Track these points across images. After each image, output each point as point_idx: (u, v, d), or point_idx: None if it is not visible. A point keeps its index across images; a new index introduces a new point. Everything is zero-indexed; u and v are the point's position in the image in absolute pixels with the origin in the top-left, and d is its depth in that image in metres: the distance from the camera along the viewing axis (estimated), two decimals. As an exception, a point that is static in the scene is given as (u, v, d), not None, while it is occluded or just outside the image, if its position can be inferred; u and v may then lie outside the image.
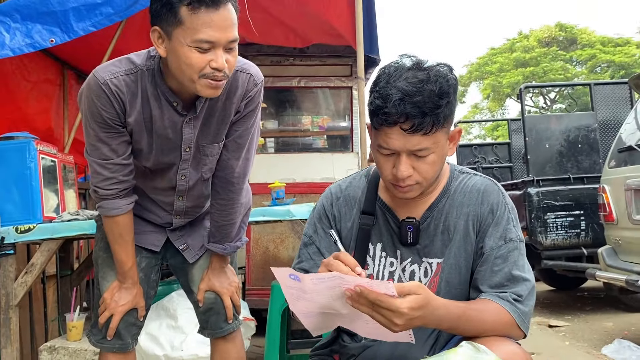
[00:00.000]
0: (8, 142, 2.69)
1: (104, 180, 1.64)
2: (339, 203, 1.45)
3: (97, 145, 1.61)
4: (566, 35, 23.05)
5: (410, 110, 1.19)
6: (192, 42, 1.42)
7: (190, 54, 1.43)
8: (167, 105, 1.60)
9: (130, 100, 1.57)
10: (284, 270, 1.09)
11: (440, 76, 1.23)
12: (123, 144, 1.63)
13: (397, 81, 1.22)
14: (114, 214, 1.68)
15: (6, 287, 2.50)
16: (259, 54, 4.49)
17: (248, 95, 1.67)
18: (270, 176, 3.90)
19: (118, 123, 1.59)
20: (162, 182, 1.75)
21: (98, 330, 1.78)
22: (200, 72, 1.45)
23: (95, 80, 1.54)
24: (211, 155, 1.72)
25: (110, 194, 1.66)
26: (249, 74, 1.66)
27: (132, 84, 1.57)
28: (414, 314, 1.09)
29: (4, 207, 2.58)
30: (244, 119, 1.71)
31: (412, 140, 1.22)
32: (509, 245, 1.31)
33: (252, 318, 2.83)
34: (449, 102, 1.23)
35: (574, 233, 4.90)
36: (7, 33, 2.67)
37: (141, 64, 1.58)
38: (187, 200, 1.79)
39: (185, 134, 1.65)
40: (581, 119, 5.29)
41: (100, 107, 1.55)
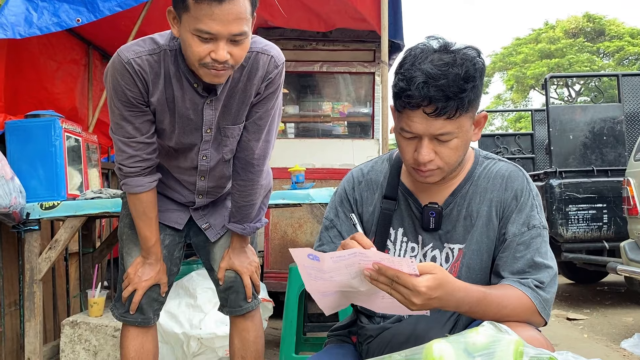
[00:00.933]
0: (34, 120, 2.73)
1: (128, 158, 1.67)
2: (360, 187, 1.45)
3: (121, 123, 1.64)
4: (594, 26, 22.55)
5: (434, 93, 1.17)
6: (193, 30, 1.44)
7: (192, 41, 1.45)
8: (189, 86, 1.62)
9: (153, 80, 1.59)
10: (303, 250, 1.09)
11: (467, 59, 1.20)
12: (146, 123, 1.65)
13: (423, 63, 1.20)
14: (137, 191, 1.71)
15: (31, 261, 2.56)
16: (282, 37, 4.47)
17: (269, 77, 1.67)
18: (290, 161, 3.91)
19: (141, 102, 1.61)
20: (184, 161, 1.77)
21: (121, 305, 1.81)
22: (200, 60, 1.47)
23: (120, 59, 1.57)
24: (232, 136, 1.73)
25: (134, 172, 1.69)
26: (270, 55, 1.65)
27: (155, 64, 1.58)
28: (432, 293, 1.09)
29: (30, 183, 2.63)
30: (265, 101, 1.71)
31: (435, 124, 1.20)
32: (532, 231, 1.29)
33: (270, 299, 2.86)
34: (474, 87, 1.20)
35: (596, 226, 4.83)
36: (34, 12, 2.70)
37: (164, 45, 1.59)
38: (208, 180, 1.81)
39: (206, 115, 1.66)
40: (607, 111, 5.19)
41: (124, 85, 1.57)
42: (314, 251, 1.09)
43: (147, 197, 1.73)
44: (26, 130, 2.70)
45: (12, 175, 2.49)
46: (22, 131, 2.70)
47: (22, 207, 2.50)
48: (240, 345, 1.91)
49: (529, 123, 8.25)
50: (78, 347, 2.60)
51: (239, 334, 1.92)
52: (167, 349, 2.64)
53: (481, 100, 1.30)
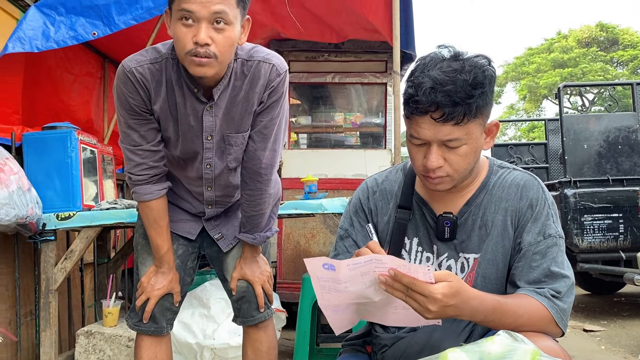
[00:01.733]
0: (51, 132, 2.77)
1: (135, 165, 1.70)
2: (375, 197, 1.45)
3: (127, 132, 1.67)
4: (607, 35, 22.42)
5: (441, 99, 1.18)
6: (177, 12, 1.48)
7: (177, 29, 1.49)
8: (189, 92, 1.64)
9: (155, 87, 1.62)
10: (318, 260, 1.09)
11: (477, 67, 1.21)
12: (152, 131, 1.68)
13: (431, 70, 1.21)
14: (147, 199, 1.73)
15: (46, 272, 2.59)
16: (294, 49, 4.51)
17: (271, 86, 1.68)
18: (303, 171, 3.92)
19: (145, 110, 1.64)
20: (191, 171, 1.79)
21: (135, 314, 1.83)
22: (185, 48, 1.49)
23: (122, 69, 1.61)
24: (236, 145, 1.74)
25: (143, 180, 1.71)
26: (271, 64, 1.67)
27: (156, 72, 1.62)
28: (448, 301, 1.08)
29: (46, 194, 2.67)
30: (268, 110, 1.71)
31: (443, 130, 1.21)
32: (547, 241, 1.28)
33: (283, 310, 2.85)
34: (483, 93, 1.21)
35: (612, 236, 4.77)
36: (52, 26, 2.75)
37: (166, 53, 1.63)
38: (215, 190, 1.82)
39: (205, 121, 1.68)
40: (622, 120, 5.14)
41: (127, 94, 1.61)
42: (329, 260, 1.09)
43: (157, 204, 1.75)
44: (43, 142, 2.75)
45: (29, 186, 2.53)
46: (39, 143, 2.75)
47: (38, 217, 2.53)
48: (253, 356, 1.91)
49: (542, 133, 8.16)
50: (93, 357, 2.61)
51: (252, 344, 1.92)
52: (180, 359, 2.64)
53: (492, 110, 1.30)
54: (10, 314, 2.73)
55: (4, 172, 2.42)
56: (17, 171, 2.50)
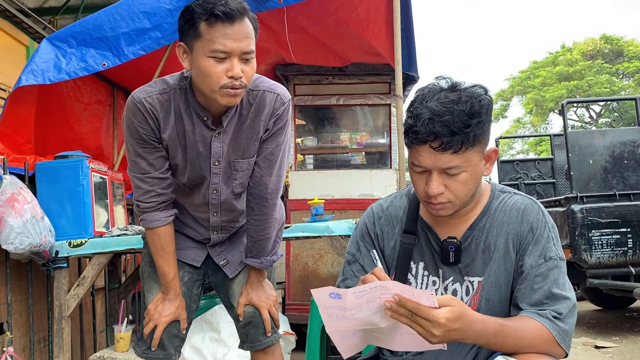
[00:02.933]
0: (62, 161, 2.84)
1: (144, 193, 1.75)
2: (381, 222, 1.49)
3: (136, 160, 1.73)
4: (612, 47, 22.42)
5: (439, 129, 1.22)
6: (209, 52, 1.55)
7: (207, 64, 1.56)
8: (198, 120, 1.71)
9: (163, 117, 1.69)
10: (324, 290, 1.12)
11: (473, 97, 1.26)
12: (160, 159, 1.74)
13: (429, 101, 1.26)
14: (154, 225, 1.78)
15: (59, 298, 2.63)
16: (299, 73, 4.58)
17: (276, 114, 1.76)
18: (310, 192, 3.96)
19: (154, 139, 1.71)
20: (197, 197, 1.84)
21: (143, 342, 1.85)
22: (218, 82, 1.57)
23: (132, 100, 1.69)
24: (241, 170, 1.80)
25: (150, 207, 1.76)
26: (276, 93, 1.76)
27: (165, 102, 1.69)
28: (452, 325, 1.11)
29: (59, 222, 2.73)
30: (274, 137, 1.80)
31: (442, 158, 1.25)
32: (549, 263, 1.31)
33: (292, 332, 2.87)
34: (480, 122, 1.26)
35: (621, 251, 4.75)
36: (63, 58, 2.84)
37: (174, 84, 1.71)
38: (221, 215, 1.87)
39: (213, 147, 1.74)
40: (627, 134, 5.15)
41: (137, 123, 1.68)
42: (335, 289, 1.12)
43: (164, 231, 1.79)
44: (55, 171, 2.81)
45: (42, 214, 2.59)
46: (52, 172, 2.81)
47: (51, 245, 2.59)
48: None
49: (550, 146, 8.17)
50: (105, 382, 2.64)
51: None
52: (192, 384, 2.66)
53: (490, 136, 1.34)
54: (24, 340, 2.77)
55: (18, 202, 2.48)
56: (31, 200, 2.56)
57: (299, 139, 4.86)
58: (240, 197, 1.88)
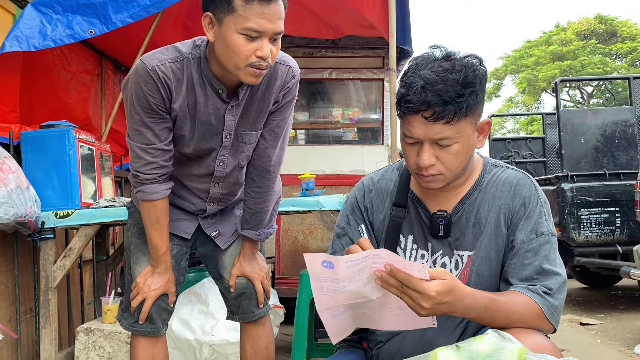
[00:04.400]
0: (48, 130, 2.78)
1: (145, 164, 1.70)
2: (371, 195, 1.47)
3: (141, 130, 1.67)
4: (606, 27, 22.37)
5: (431, 98, 1.20)
6: (242, 29, 1.49)
7: (238, 40, 1.50)
8: (212, 92, 1.66)
9: (176, 86, 1.63)
10: (317, 256, 1.10)
11: (467, 66, 1.23)
12: (165, 130, 1.69)
13: (422, 70, 1.23)
14: (153, 198, 1.73)
15: (46, 269, 2.61)
16: (291, 45, 4.50)
17: (287, 87, 1.74)
18: (301, 167, 3.93)
19: (162, 109, 1.65)
20: (199, 168, 1.80)
21: (130, 315, 1.83)
22: (246, 60, 1.52)
23: (144, 66, 1.61)
24: (249, 142, 1.78)
25: (151, 179, 1.72)
26: (288, 65, 1.72)
27: (178, 71, 1.63)
28: (442, 298, 1.10)
29: (44, 192, 2.68)
30: (282, 110, 1.77)
31: (434, 128, 1.23)
32: (540, 238, 1.31)
33: (281, 306, 2.88)
34: (473, 92, 1.23)
35: (609, 230, 4.80)
36: (48, 24, 2.76)
37: (187, 52, 1.64)
38: (222, 187, 1.84)
39: (227, 120, 1.71)
40: (619, 114, 5.16)
41: (147, 92, 1.61)
42: (328, 256, 1.10)
43: (161, 204, 1.75)
44: (41, 140, 2.75)
45: (27, 184, 2.54)
46: (37, 141, 2.75)
47: (37, 216, 2.55)
48: (252, 351, 1.93)
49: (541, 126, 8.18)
50: (92, 353, 2.63)
51: (250, 340, 1.94)
52: (179, 356, 2.66)
53: (488, 105, 1.32)
54: (10, 311, 2.75)
55: (2, 171, 2.43)
56: (16, 170, 2.51)
57: (290, 113, 4.81)
58: (243, 170, 1.86)
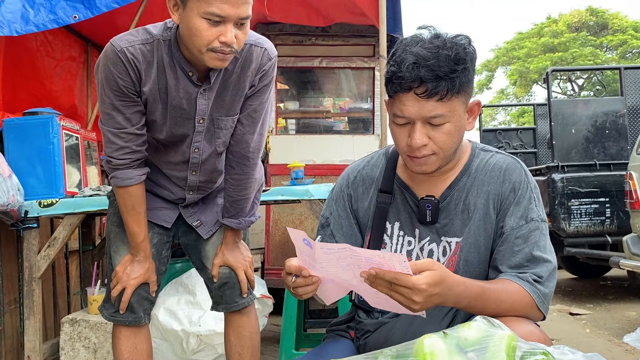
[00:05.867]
0: (32, 118, 2.72)
1: (117, 149, 1.66)
2: (355, 182, 1.45)
3: (112, 113, 1.63)
4: (597, 20, 22.41)
5: (424, 73, 1.17)
6: (204, 13, 1.45)
7: (200, 25, 1.46)
8: (183, 75, 1.62)
9: (145, 69, 1.59)
10: (299, 233, 1.09)
11: (458, 44, 1.21)
12: (137, 114, 1.65)
13: (413, 47, 1.21)
14: (126, 184, 1.69)
15: (29, 259, 2.56)
16: (281, 33, 4.46)
17: (262, 69, 1.69)
18: (290, 157, 3.89)
19: (133, 92, 1.61)
20: (175, 155, 1.76)
21: (111, 305, 1.79)
22: (208, 45, 1.48)
23: (113, 48, 1.57)
24: (225, 128, 1.73)
25: (123, 164, 1.68)
26: (263, 47, 1.68)
27: (148, 53, 1.59)
28: (433, 290, 1.07)
29: (28, 181, 2.63)
30: (258, 93, 1.73)
31: (427, 106, 1.20)
32: (530, 225, 1.28)
33: (270, 296, 2.85)
34: (465, 69, 1.21)
35: (599, 220, 4.81)
36: (31, 9, 2.69)
37: (157, 34, 1.60)
38: (200, 175, 1.80)
39: (199, 104, 1.67)
40: (610, 104, 5.16)
41: (117, 74, 1.57)
42: (307, 237, 1.09)
43: (136, 190, 1.71)
44: (24, 127, 2.69)
45: (9, 173, 2.49)
46: (20, 129, 2.69)
47: (20, 205, 2.49)
48: (237, 341, 1.90)
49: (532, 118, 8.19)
50: (78, 344, 2.59)
51: (234, 330, 1.91)
52: (166, 346, 2.63)
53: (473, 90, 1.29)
54: (-7, 302, 2.71)
55: (-16, 159, 2.38)
56: (-3, 157, 2.46)
57: (280, 103, 4.77)
58: (221, 156, 1.82)
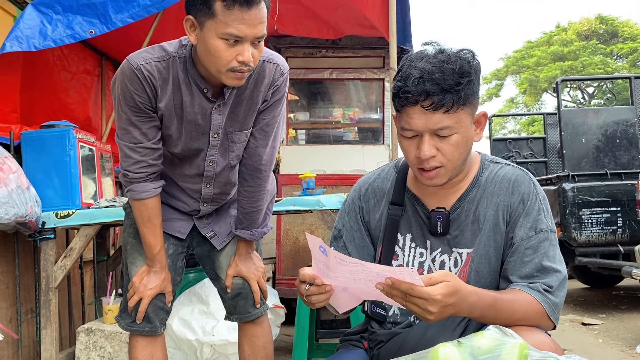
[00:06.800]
0: (49, 131, 2.79)
1: (134, 163, 1.70)
2: (367, 195, 1.47)
3: (128, 128, 1.67)
4: (607, 28, 22.32)
5: (429, 87, 1.21)
6: (222, 34, 1.49)
7: (218, 45, 1.51)
8: (198, 91, 1.67)
9: (161, 85, 1.64)
10: (317, 240, 1.12)
11: (461, 58, 1.25)
12: (153, 129, 1.69)
13: (418, 62, 1.24)
14: (143, 197, 1.73)
15: (46, 270, 2.61)
16: (291, 45, 4.51)
17: (275, 85, 1.74)
18: (301, 167, 3.93)
19: (149, 107, 1.65)
20: (190, 169, 1.80)
21: (127, 315, 1.82)
22: (227, 65, 1.52)
23: (129, 65, 1.62)
24: (238, 142, 1.78)
25: (140, 177, 1.72)
26: (275, 64, 1.72)
27: (163, 70, 1.63)
28: (448, 300, 1.09)
29: (45, 193, 2.68)
30: (271, 108, 1.77)
31: (434, 118, 1.23)
32: (539, 235, 1.30)
33: (282, 306, 2.87)
34: (469, 81, 1.24)
35: (610, 230, 4.79)
36: (49, 24, 2.76)
37: (173, 52, 1.65)
38: (214, 187, 1.84)
39: (214, 120, 1.71)
40: (620, 113, 5.15)
41: (133, 91, 1.62)
42: (324, 244, 1.12)
43: (152, 203, 1.74)
44: (41, 140, 2.76)
45: (28, 185, 2.54)
46: (38, 141, 2.76)
47: (37, 216, 2.55)
48: (251, 351, 1.92)
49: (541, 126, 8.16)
50: (93, 354, 2.63)
51: (248, 340, 1.93)
52: (180, 356, 2.66)
53: (481, 99, 1.32)
54: (11, 311, 2.75)
55: (3, 171, 2.43)
56: (16, 170, 2.51)
57: (291, 113, 4.81)
58: (234, 169, 1.86)
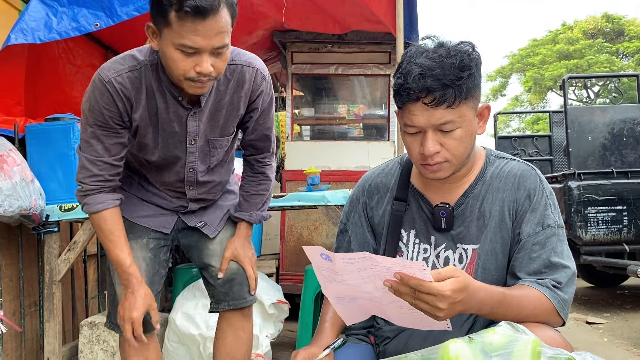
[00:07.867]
0: (53, 123, 2.78)
1: (90, 176, 1.65)
2: (371, 190, 1.47)
3: (91, 142, 1.62)
4: (613, 26, 22.21)
5: (430, 83, 1.19)
6: (177, 45, 1.45)
7: (175, 56, 1.47)
8: (172, 99, 1.63)
9: (135, 95, 1.60)
10: (316, 249, 1.09)
11: (461, 52, 1.23)
12: (117, 145, 1.65)
13: (418, 58, 1.22)
14: (99, 209, 1.66)
15: (50, 263, 2.60)
16: (297, 40, 4.49)
17: (259, 90, 1.72)
18: (306, 163, 3.91)
19: (118, 122, 1.61)
20: (169, 176, 1.78)
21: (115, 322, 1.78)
22: (185, 74, 1.48)
23: (100, 78, 1.58)
24: (220, 147, 1.77)
25: (94, 189, 1.66)
26: (255, 68, 1.69)
27: (135, 80, 1.59)
28: (457, 296, 1.07)
29: (49, 186, 2.67)
30: (266, 111, 1.80)
31: (436, 114, 1.21)
32: (546, 231, 1.28)
33: (285, 301, 2.86)
34: (470, 75, 1.22)
35: (616, 229, 4.75)
36: (54, 17, 2.75)
37: (144, 60, 1.60)
38: (197, 189, 1.83)
39: (190, 127, 1.68)
40: (627, 112, 5.11)
41: (103, 105, 1.58)
42: (325, 250, 1.09)
43: (110, 214, 1.67)
44: (46, 133, 2.75)
45: (32, 177, 2.54)
46: (42, 134, 2.75)
47: (41, 209, 2.54)
48: (235, 343, 1.88)
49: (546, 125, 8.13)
50: (96, 347, 2.62)
51: (234, 332, 1.89)
52: (183, 350, 2.66)
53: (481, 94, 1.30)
54: (14, 304, 2.75)
55: (7, 164, 2.42)
56: (20, 162, 2.51)
57: (296, 109, 4.79)
58: (216, 170, 1.84)
